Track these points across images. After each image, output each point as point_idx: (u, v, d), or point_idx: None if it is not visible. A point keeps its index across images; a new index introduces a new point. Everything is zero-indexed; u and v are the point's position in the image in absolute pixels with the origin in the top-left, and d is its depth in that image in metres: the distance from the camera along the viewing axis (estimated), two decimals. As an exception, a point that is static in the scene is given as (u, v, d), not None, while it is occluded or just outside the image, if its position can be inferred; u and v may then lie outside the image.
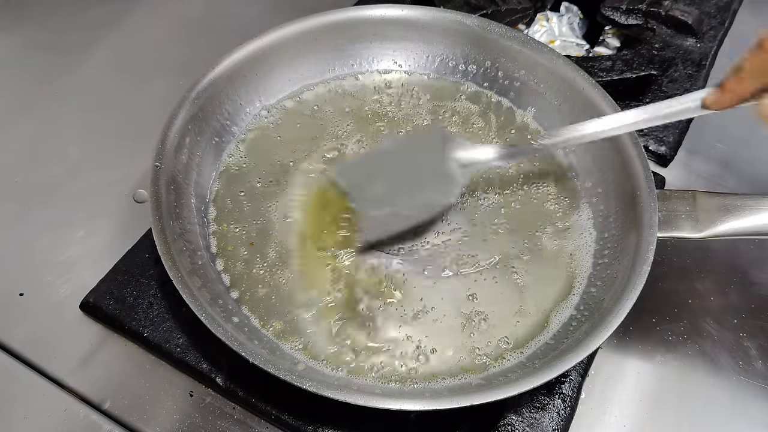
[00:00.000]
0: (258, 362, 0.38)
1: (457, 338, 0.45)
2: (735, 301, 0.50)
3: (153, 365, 0.45)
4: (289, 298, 0.46)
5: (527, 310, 0.46)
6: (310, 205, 0.50)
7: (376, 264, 0.47)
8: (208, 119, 0.52)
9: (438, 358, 0.44)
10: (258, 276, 0.47)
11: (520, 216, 0.51)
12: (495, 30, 0.56)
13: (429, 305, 0.46)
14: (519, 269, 0.48)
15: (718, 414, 0.45)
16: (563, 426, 0.43)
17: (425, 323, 0.45)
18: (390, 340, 0.44)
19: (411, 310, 0.46)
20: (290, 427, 0.43)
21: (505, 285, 0.47)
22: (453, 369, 0.43)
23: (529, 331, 0.45)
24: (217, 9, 0.71)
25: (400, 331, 0.45)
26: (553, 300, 0.46)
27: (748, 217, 0.44)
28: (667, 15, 0.65)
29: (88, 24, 0.68)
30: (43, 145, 0.58)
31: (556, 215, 0.51)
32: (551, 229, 0.50)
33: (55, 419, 0.43)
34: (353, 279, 0.47)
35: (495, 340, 0.44)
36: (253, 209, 0.50)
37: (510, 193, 0.52)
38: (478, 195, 0.52)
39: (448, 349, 0.44)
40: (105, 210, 0.53)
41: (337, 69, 0.58)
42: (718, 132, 0.62)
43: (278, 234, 0.49)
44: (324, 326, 0.45)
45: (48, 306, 0.48)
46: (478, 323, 0.45)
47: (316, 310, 0.45)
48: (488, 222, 0.50)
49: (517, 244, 0.49)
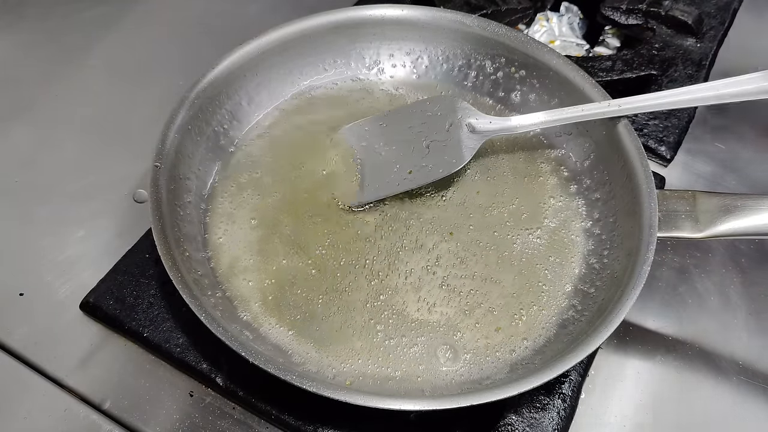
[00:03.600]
0: (258, 362, 0.38)
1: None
2: (735, 301, 0.50)
3: (153, 365, 0.45)
4: (289, 297, 0.46)
5: (526, 310, 0.46)
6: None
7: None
8: (208, 119, 0.52)
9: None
10: (258, 275, 0.47)
11: (519, 215, 0.51)
12: (495, 30, 0.56)
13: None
14: (517, 269, 0.48)
15: (718, 414, 0.45)
16: (563, 426, 0.43)
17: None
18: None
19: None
20: (290, 427, 0.43)
21: (504, 285, 0.47)
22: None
23: (528, 331, 0.45)
24: (217, 9, 0.71)
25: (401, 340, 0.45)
26: (553, 300, 0.46)
27: (748, 217, 0.44)
28: (667, 15, 0.65)
29: (87, 24, 0.68)
30: (43, 145, 0.58)
31: (555, 214, 0.51)
32: (550, 229, 0.50)
33: (55, 419, 0.43)
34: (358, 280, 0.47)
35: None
36: (252, 207, 0.50)
37: (509, 192, 0.52)
38: (477, 193, 0.52)
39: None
40: (105, 210, 0.53)
41: (337, 69, 0.58)
42: (718, 132, 0.62)
43: (279, 233, 0.49)
44: (325, 326, 0.45)
45: (48, 306, 0.48)
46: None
47: (317, 309, 0.45)
48: (485, 221, 0.50)
49: (515, 243, 0.49)
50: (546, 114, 0.51)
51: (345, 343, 0.44)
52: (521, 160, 0.54)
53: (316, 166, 0.53)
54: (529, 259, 0.48)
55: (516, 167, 0.54)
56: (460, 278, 0.47)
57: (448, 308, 0.46)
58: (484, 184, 0.53)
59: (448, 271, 0.47)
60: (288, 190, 0.51)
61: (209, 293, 0.43)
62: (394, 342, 0.44)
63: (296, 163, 0.53)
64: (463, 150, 0.51)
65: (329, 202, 0.51)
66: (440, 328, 0.45)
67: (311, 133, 0.55)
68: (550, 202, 0.52)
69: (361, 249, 0.48)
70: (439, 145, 0.51)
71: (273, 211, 0.50)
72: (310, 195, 0.51)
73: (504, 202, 0.52)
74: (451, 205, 0.51)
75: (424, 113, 0.53)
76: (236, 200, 0.50)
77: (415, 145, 0.52)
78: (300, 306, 0.45)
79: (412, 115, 0.53)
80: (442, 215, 0.50)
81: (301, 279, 0.46)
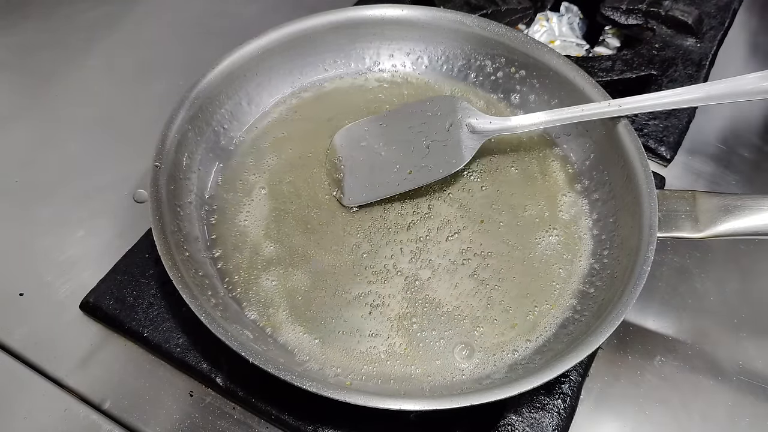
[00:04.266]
0: (258, 362, 0.38)
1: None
2: (735, 301, 0.50)
3: (153, 365, 0.45)
4: (290, 296, 0.46)
5: (539, 306, 0.46)
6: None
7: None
8: (208, 119, 0.52)
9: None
10: (259, 275, 0.47)
11: (519, 214, 0.51)
12: (495, 30, 0.56)
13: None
14: (518, 269, 0.48)
15: (718, 414, 0.45)
16: (563, 426, 0.43)
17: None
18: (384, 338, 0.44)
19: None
20: (290, 427, 0.43)
21: (504, 285, 0.47)
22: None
23: (528, 331, 0.45)
24: (217, 9, 0.71)
25: (401, 338, 0.45)
26: (553, 300, 0.46)
27: (748, 217, 0.44)
28: (667, 15, 0.65)
29: (87, 24, 0.68)
30: (43, 145, 0.58)
31: (555, 215, 0.51)
32: (550, 229, 0.50)
33: (55, 419, 0.43)
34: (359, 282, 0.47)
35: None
36: (253, 208, 0.50)
37: (509, 192, 0.52)
38: (477, 192, 0.52)
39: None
40: (105, 210, 0.53)
41: (337, 69, 0.59)
42: (718, 132, 0.62)
43: (281, 234, 0.49)
44: (330, 324, 0.45)
45: (48, 306, 0.48)
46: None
47: (316, 309, 0.45)
48: (485, 220, 0.50)
49: (515, 243, 0.49)
50: (546, 114, 0.51)
51: (349, 341, 0.44)
52: (520, 160, 0.54)
53: (317, 166, 0.53)
54: (528, 259, 0.48)
55: (515, 166, 0.54)
56: (479, 280, 0.47)
57: (448, 308, 0.46)
58: (488, 179, 0.53)
59: (469, 270, 0.47)
60: (289, 190, 0.51)
61: (209, 293, 0.43)
62: (425, 335, 0.44)
63: (297, 163, 0.53)
64: (463, 150, 0.51)
65: (330, 203, 0.51)
66: (444, 330, 0.45)
67: (311, 133, 0.55)
68: (549, 201, 0.52)
69: (361, 250, 0.48)
70: (439, 145, 0.51)
71: (274, 212, 0.50)
72: (311, 195, 0.51)
73: (509, 201, 0.51)
74: (452, 205, 0.51)
75: (424, 113, 0.53)
76: (236, 201, 0.50)
77: (415, 145, 0.52)
78: (306, 305, 0.45)
79: (412, 115, 0.53)
80: (448, 215, 0.50)
81: (306, 279, 0.46)
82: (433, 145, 0.51)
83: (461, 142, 0.51)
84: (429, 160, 0.51)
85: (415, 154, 0.51)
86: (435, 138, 0.52)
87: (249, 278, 0.46)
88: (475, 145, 0.52)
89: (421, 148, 0.52)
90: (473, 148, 0.51)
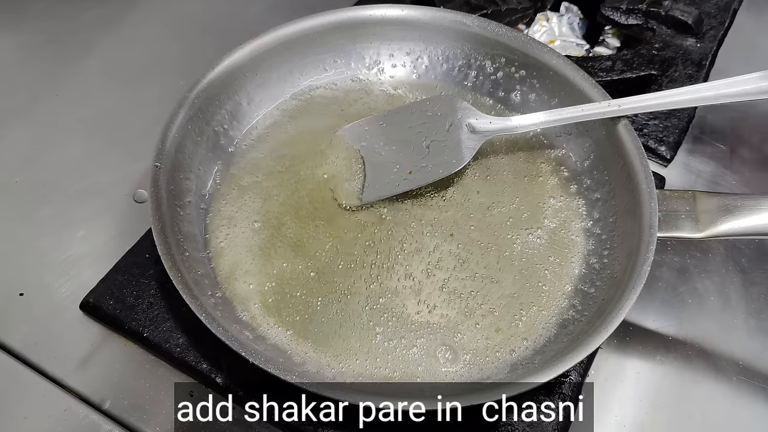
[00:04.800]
0: (258, 362, 0.38)
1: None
2: (735, 301, 0.50)
3: (153, 365, 0.45)
4: (289, 298, 0.46)
5: (526, 310, 0.46)
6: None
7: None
8: (208, 119, 0.52)
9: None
10: (258, 277, 0.47)
11: (519, 215, 0.51)
12: (495, 30, 0.56)
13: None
14: (517, 269, 0.48)
15: (718, 414, 0.45)
16: (563, 426, 0.43)
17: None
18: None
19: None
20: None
21: (504, 285, 0.47)
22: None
23: (528, 331, 0.45)
24: (217, 9, 0.71)
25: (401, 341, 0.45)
26: (553, 300, 0.46)
27: (748, 217, 0.44)
28: (667, 15, 0.65)
29: (87, 24, 0.68)
30: (43, 145, 0.58)
31: (555, 215, 0.51)
32: (550, 229, 0.50)
33: (55, 419, 0.43)
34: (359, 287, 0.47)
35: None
36: (253, 209, 0.50)
37: (509, 192, 0.52)
38: (477, 193, 0.52)
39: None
40: (105, 210, 0.53)
41: (337, 69, 0.58)
42: (718, 132, 0.62)
43: (280, 235, 0.49)
44: (324, 327, 0.45)
45: (48, 306, 0.48)
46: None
47: (316, 311, 0.45)
48: (486, 221, 0.50)
49: (515, 243, 0.49)
50: (546, 114, 0.51)
51: (344, 344, 0.44)
52: (521, 160, 0.54)
53: (317, 167, 0.53)
54: (529, 259, 0.48)
55: (516, 167, 0.54)
56: (460, 280, 0.47)
57: (448, 310, 0.46)
58: (485, 184, 0.53)
59: (449, 273, 0.47)
60: (288, 191, 0.51)
61: (209, 293, 0.43)
62: (393, 344, 0.44)
63: (296, 163, 0.53)
64: (463, 150, 0.51)
65: (329, 203, 0.51)
66: (440, 330, 0.45)
67: (311, 133, 0.55)
68: (550, 202, 0.52)
69: (360, 251, 0.48)
70: (439, 146, 0.51)
71: (273, 213, 0.50)
72: (310, 196, 0.51)
73: (504, 202, 0.51)
74: (451, 205, 0.51)
75: (424, 113, 0.53)
76: (236, 202, 0.50)
77: (415, 146, 0.52)
78: (299, 307, 0.45)
79: (412, 115, 0.53)
80: (442, 216, 0.50)
81: (302, 281, 0.46)
82: (433, 145, 0.51)
83: (461, 142, 0.51)
84: (429, 161, 0.51)
85: (415, 154, 0.51)
86: (435, 138, 0.52)
87: (240, 278, 0.46)
88: (475, 145, 0.52)
89: (421, 148, 0.52)
90: (473, 148, 0.51)
